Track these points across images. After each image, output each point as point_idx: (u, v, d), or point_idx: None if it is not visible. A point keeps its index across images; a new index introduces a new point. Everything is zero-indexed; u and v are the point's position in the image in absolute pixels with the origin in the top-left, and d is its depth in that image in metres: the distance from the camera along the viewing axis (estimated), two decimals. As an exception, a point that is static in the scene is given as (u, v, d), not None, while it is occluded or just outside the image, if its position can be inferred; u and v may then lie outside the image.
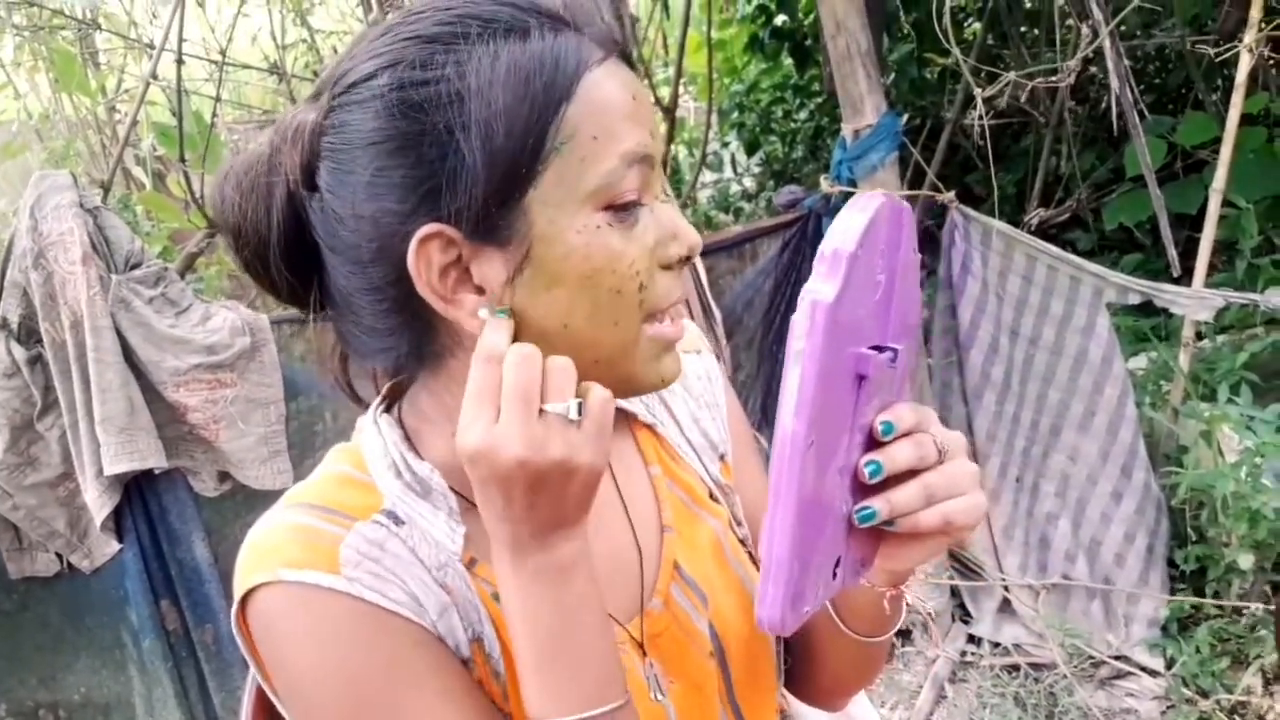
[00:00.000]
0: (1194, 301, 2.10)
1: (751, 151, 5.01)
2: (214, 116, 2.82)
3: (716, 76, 4.43)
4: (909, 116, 3.55)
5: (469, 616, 0.70)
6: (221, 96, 2.85)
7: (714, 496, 0.85)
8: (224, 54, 2.67)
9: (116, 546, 2.05)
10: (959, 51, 2.19)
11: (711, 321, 2.35)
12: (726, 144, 5.22)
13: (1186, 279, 2.20)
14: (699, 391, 0.87)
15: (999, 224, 2.33)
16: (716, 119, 4.89)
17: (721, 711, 0.79)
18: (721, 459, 0.87)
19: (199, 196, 2.52)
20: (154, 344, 1.96)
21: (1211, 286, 2.22)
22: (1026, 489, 2.49)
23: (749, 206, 4.92)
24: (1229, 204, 2.43)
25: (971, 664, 2.45)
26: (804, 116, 4.84)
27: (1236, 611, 2.28)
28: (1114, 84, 2.07)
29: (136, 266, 1.98)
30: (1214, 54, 2.05)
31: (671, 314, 0.68)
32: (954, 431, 0.64)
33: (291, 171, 0.64)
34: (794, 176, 4.72)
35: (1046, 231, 2.99)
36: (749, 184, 5.17)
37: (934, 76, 3.97)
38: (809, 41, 4.38)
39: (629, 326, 0.65)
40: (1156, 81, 4.05)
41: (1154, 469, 2.34)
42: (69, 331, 1.90)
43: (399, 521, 0.69)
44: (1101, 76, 3.16)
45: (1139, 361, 2.64)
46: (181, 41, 2.38)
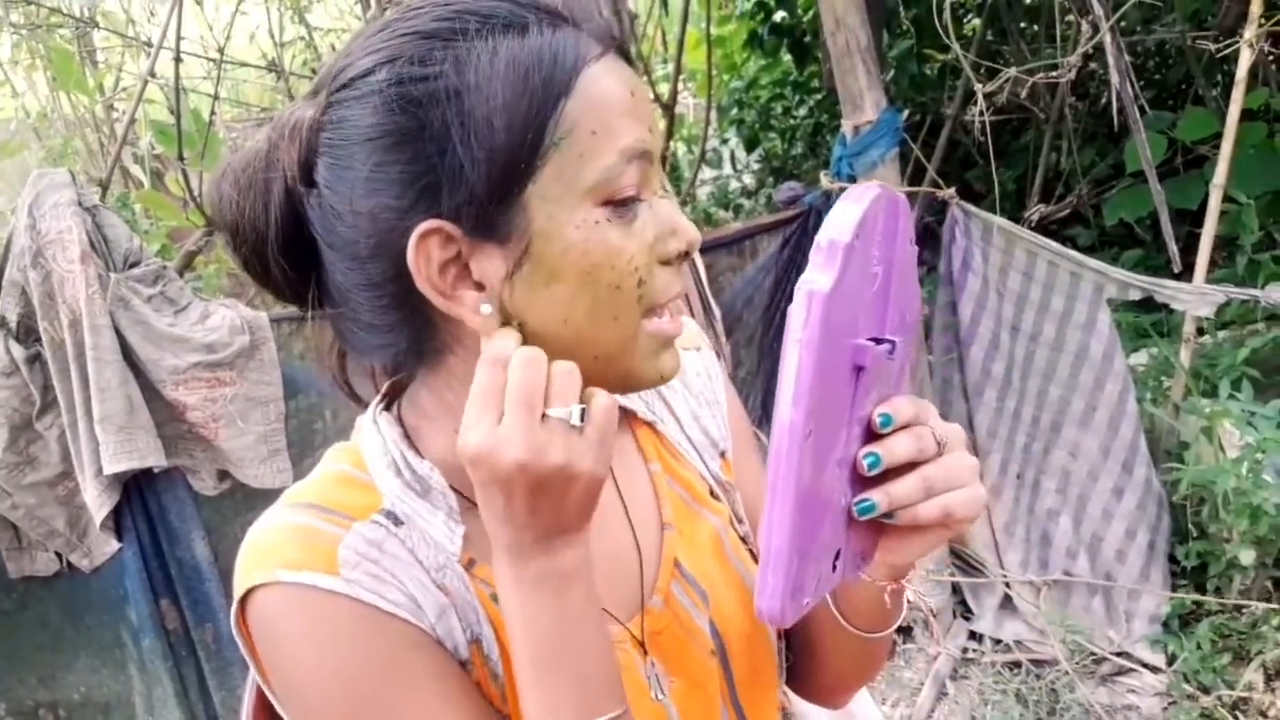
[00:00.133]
0: (1195, 297, 2.10)
1: (751, 148, 5.00)
2: (212, 114, 2.82)
3: (716, 73, 4.43)
4: (909, 113, 3.55)
5: (467, 618, 0.69)
6: (220, 94, 2.85)
7: (714, 494, 0.84)
8: (222, 52, 2.67)
9: (116, 545, 2.05)
10: (959, 47, 2.18)
11: (711, 319, 2.35)
12: (726, 141, 5.21)
13: (1187, 275, 2.20)
14: (699, 388, 0.87)
15: (999, 220, 2.32)
16: (716, 116, 4.88)
17: (723, 709, 0.79)
18: (722, 456, 0.87)
19: (197, 195, 2.52)
20: (153, 342, 1.95)
21: (1212, 282, 2.21)
22: (1027, 485, 2.48)
23: (748, 203, 4.91)
24: (1229, 199, 2.43)
25: (973, 660, 2.45)
26: (803, 113, 4.83)
27: (1238, 608, 2.27)
28: (1114, 79, 2.06)
29: (135, 265, 1.98)
30: (1214, 49, 2.04)
31: (671, 309, 0.67)
32: (953, 424, 0.64)
33: (289, 168, 0.64)
34: (793, 173, 4.72)
35: (1047, 227, 2.99)
36: (748, 181, 5.17)
37: (934, 72, 3.96)
38: (808, 38, 4.38)
39: (628, 322, 0.65)
40: (1157, 77, 4.04)
41: (1155, 465, 2.33)
42: (68, 330, 1.90)
43: (398, 522, 0.69)
44: (1102, 72, 3.15)
45: (1140, 357, 2.64)
46: (179, 39, 2.38)
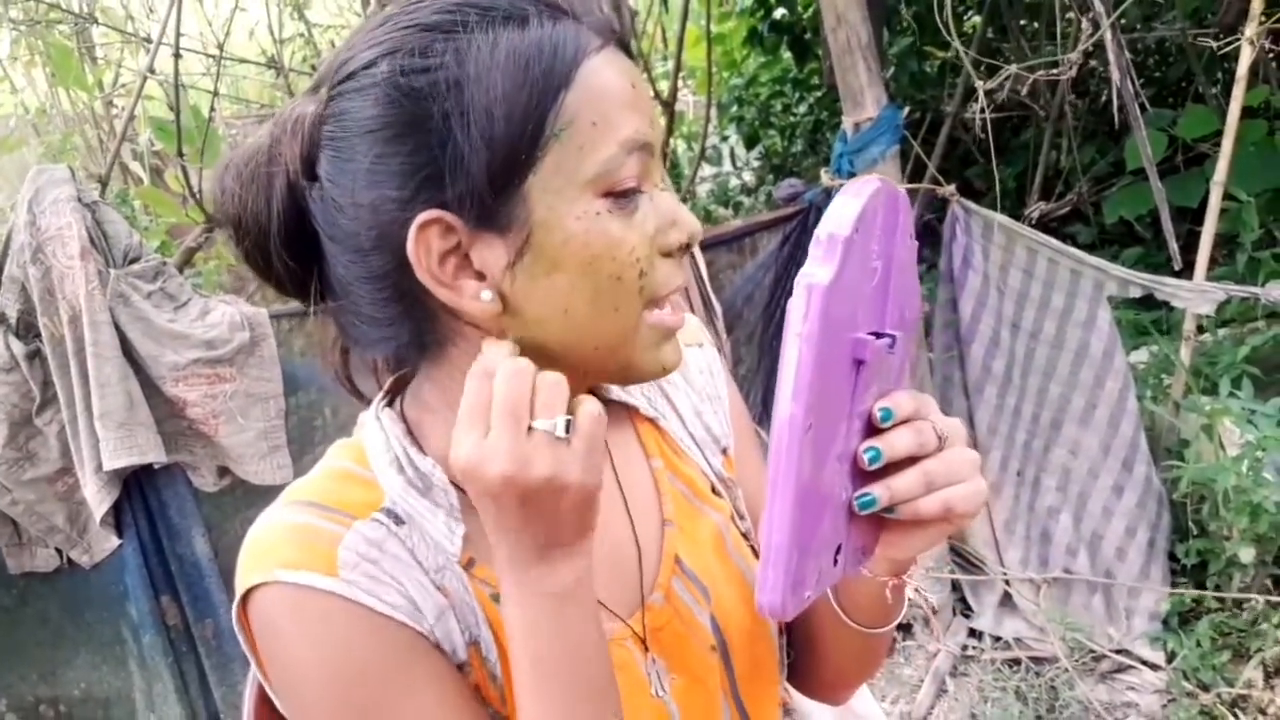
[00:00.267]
0: (1195, 295, 2.10)
1: (751, 145, 5.00)
2: (212, 111, 2.82)
3: (715, 70, 4.42)
4: (909, 110, 3.54)
5: (466, 619, 0.69)
6: (219, 91, 2.85)
7: (716, 490, 0.84)
8: (221, 48, 2.67)
9: (116, 542, 2.05)
10: (959, 44, 2.18)
11: (712, 315, 2.35)
12: (726, 138, 5.21)
13: (1187, 272, 2.20)
14: (701, 385, 0.87)
15: (1000, 217, 2.32)
16: (716, 113, 4.88)
17: (724, 705, 0.78)
18: (724, 452, 0.87)
19: (197, 191, 2.52)
20: (153, 339, 1.95)
21: (1212, 280, 2.21)
22: (1028, 483, 2.48)
23: (748, 201, 4.91)
24: (1230, 197, 2.43)
25: (972, 658, 2.45)
26: (803, 110, 4.83)
27: (1237, 605, 2.28)
28: (1115, 77, 2.06)
29: (135, 261, 1.97)
30: (1215, 47, 2.04)
31: (672, 302, 0.67)
32: (953, 419, 0.64)
33: (291, 162, 0.64)
34: (793, 170, 4.72)
35: (1047, 225, 2.99)
36: (748, 178, 5.16)
37: (934, 70, 3.95)
38: (808, 35, 4.38)
39: (629, 313, 0.65)
40: (1157, 75, 4.04)
41: (1155, 463, 2.33)
42: (67, 326, 1.90)
43: (399, 521, 0.68)
44: (1102, 70, 3.15)
45: (1140, 355, 2.64)
46: (179, 36, 2.38)
